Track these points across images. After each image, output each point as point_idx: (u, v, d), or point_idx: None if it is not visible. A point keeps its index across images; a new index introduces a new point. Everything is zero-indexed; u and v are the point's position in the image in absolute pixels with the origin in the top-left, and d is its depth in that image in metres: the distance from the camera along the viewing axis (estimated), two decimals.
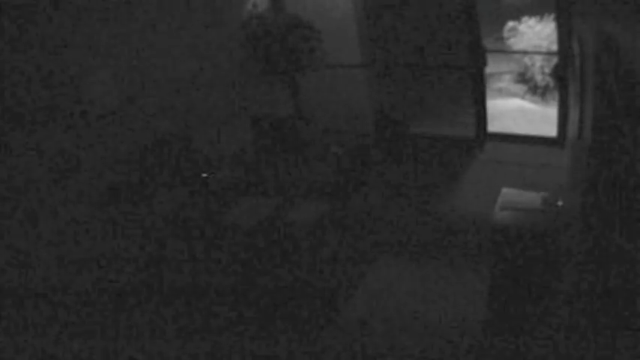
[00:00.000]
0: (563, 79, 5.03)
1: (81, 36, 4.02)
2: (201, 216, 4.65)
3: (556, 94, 5.51)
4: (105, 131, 4.26)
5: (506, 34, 5.87)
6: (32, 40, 3.68)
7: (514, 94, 6.12)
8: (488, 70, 5.61)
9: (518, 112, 6.03)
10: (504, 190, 3.37)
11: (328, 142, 5.74)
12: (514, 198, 3.26)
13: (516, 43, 5.83)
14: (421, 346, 3.25)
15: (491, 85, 5.94)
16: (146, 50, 4.59)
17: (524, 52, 5.87)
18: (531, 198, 3.24)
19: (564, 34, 5.05)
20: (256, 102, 5.87)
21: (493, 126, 5.84)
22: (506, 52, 5.90)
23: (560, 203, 3.19)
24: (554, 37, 5.31)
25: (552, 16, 5.38)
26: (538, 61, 5.85)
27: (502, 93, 6.14)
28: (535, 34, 5.68)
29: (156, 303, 3.86)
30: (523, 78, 6.03)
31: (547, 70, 5.82)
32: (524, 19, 5.74)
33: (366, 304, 3.68)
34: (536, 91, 5.97)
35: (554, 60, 5.54)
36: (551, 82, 5.73)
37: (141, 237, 4.35)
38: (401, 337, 3.34)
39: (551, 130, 5.52)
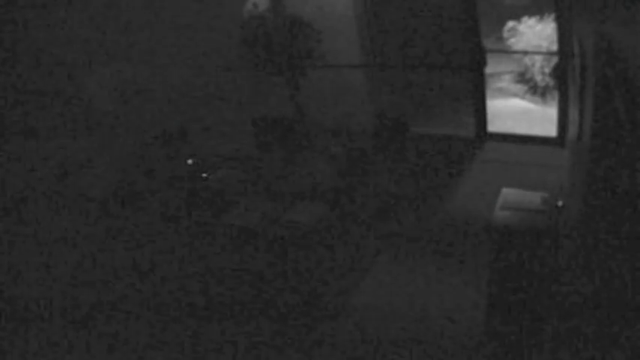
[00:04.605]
0: (563, 77, 5.04)
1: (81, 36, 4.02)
2: (200, 215, 4.65)
3: (556, 94, 5.51)
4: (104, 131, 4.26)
5: (506, 34, 5.87)
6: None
7: (514, 94, 6.12)
8: (488, 70, 5.61)
9: (518, 112, 6.03)
10: (504, 190, 3.37)
11: (328, 142, 5.73)
12: (514, 198, 3.26)
13: (516, 43, 5.83)
14: (421, 346, 3.24)
15: (491, 85, 5.94)
16: (146, 50, 4.59)
17: (524, 52, 5.87)
18: (531, 198, 3.24)
19: (564, 34, 5.05)
20: (256, 102, 5.86)
21: (493, 126, 5.84)
22: (507, 52, 5.90)
23: (560, 203, 3.18)
24: (554, 37, 5.31)
25: (552, 16, 5.37)
26: (538, 61, 5.85)
27: (502, 93, 6.14)
28: (535, 34, 5.68)
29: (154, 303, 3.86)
30: (523, 78, 6.03)
31: (547, 70, 5.82)
32: (524, 19, 5.74)
33: (365, 304, 3.67)
34: (536, 91, 5.97)
35: (554, 60, 5.54)
36: (551, 82, 5.73)
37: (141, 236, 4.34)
38: (400, 337, 3.34)
39: (551, 130, 5.52)
